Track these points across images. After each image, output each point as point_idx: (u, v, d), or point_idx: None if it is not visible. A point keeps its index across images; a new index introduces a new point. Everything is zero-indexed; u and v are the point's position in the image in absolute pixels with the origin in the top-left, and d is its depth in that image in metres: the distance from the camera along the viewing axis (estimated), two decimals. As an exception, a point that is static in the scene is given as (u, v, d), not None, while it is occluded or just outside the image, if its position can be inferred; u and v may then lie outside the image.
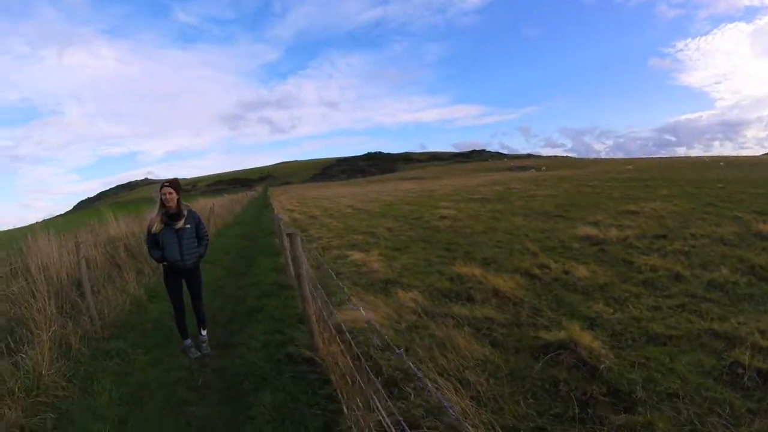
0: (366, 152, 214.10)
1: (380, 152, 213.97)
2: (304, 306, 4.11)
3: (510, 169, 79.34)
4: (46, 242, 6.07)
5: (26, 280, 4.93)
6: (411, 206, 18.88)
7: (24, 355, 3.68)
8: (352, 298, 5.14)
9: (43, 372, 3.76)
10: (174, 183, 4.34)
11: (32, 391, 3.57)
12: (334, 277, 5.18)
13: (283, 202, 31.34)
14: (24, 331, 4.14)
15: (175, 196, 4.27)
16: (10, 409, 3.25)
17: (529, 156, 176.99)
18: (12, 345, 3.90)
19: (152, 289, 6.87)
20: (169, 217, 4.29)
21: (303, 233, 12.60)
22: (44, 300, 4.51)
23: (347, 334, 3.98)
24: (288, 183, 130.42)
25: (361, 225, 13.22)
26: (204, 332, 4.73)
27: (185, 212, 4.37)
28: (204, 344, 4.67)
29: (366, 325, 4.04)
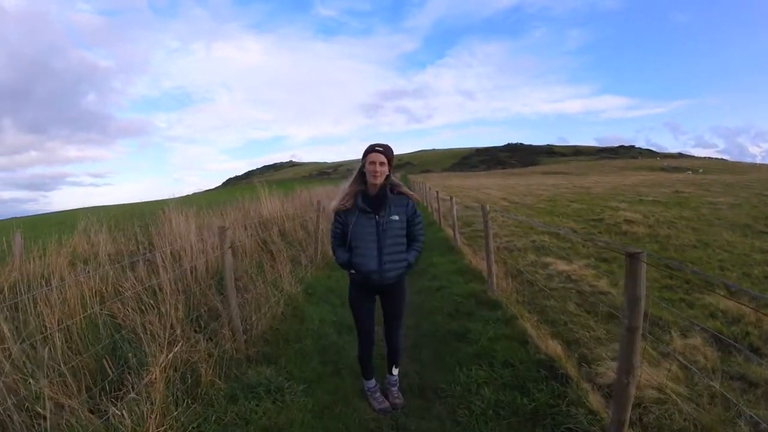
0: (506, 143, 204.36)
1: (521, 143, 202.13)
2: (626, 378, 2.10)
3: (664, 169, 67.45)
4: (182, 222, 4.83)
5: (148, 272, 3.64)
6: (577, 204, 16.55)
7: (120, 410, 2.13)
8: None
9: (151, 431, 2.23)
10: (388, 150, 2.63)
11: (128, 470, 2.04)
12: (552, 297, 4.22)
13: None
14: (132, 352, 2.66)
15: (386, 169, 2.59)
16: None
17: (680, 155, 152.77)
18: (110, 373, 2.44)
19: (309, 284, 5.44)
20: (368, 200, 2.61)
21: (468, 228, 11.52)
22: (170, 303, 3.05)
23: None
24: (427, 171, 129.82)
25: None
26: (395, 372, 2.99)
27: (395, 193, 2.65)
28: (394, 389, 3.00)
29: (657, 394, 2.94)
